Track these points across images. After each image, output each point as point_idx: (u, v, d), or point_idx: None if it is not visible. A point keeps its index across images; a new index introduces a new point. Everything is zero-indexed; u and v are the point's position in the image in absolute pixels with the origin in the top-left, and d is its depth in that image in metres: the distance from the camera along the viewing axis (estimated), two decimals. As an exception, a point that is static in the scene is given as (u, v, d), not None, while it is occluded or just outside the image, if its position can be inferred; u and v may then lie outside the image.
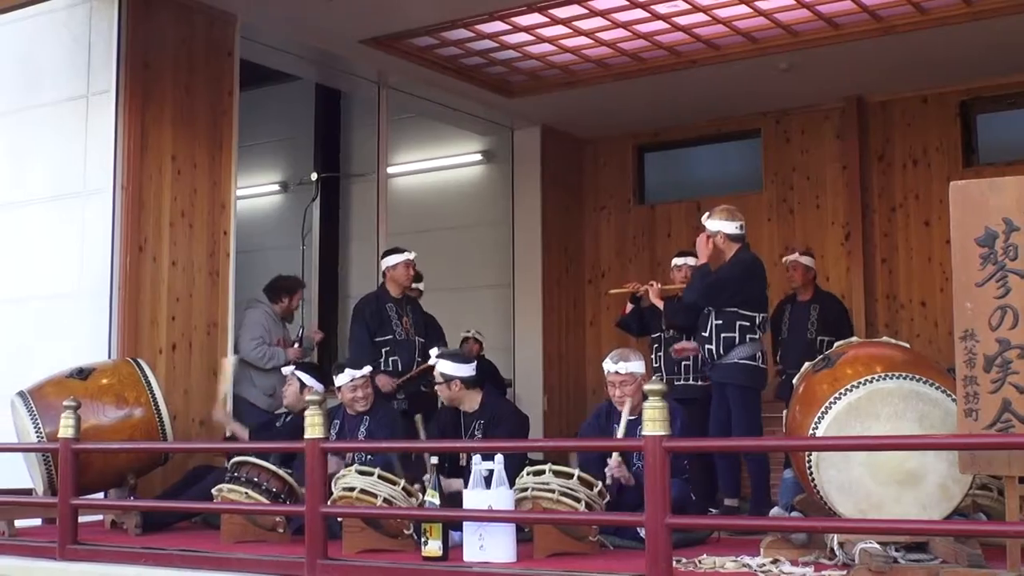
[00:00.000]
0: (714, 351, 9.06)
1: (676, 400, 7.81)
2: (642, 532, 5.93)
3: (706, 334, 9.14)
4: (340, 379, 8.83)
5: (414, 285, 11.26)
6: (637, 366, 7.99)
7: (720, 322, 9.05)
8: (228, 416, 9.73)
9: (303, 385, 9.32)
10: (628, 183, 14.84)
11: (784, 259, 11.42)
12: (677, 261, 11.06)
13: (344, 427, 8.76)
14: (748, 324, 9.04)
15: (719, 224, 9.13)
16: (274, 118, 15.75)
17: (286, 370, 9.72)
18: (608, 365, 8.03)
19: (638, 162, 14.95)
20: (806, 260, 11.16)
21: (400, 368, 10.06)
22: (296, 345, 10.95)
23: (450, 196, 15.45)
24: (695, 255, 10.96)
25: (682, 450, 7.25)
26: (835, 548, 6.11)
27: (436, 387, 8.71)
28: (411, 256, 10.44)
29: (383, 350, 10.13)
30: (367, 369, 8.90)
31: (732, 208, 9.32)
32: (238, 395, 10.34)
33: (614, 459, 7.67)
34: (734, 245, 9.14)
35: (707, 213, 9.29)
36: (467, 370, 8.61)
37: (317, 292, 15.67)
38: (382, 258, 10.69)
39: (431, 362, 9.04)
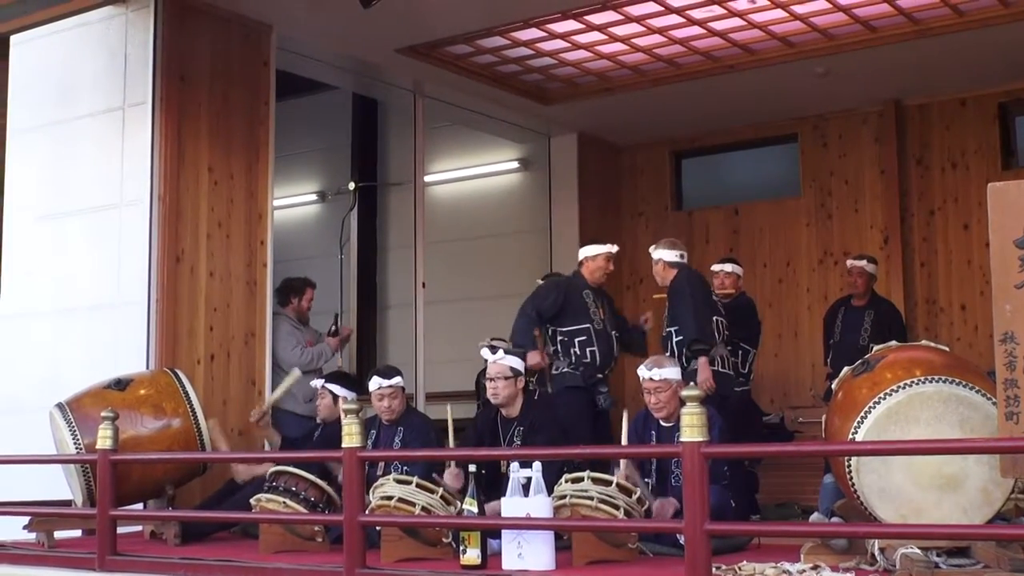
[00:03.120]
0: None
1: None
2: (681, 539, 5.89)
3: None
4: (371, 385, 8.80)
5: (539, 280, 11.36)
6: (672, 372, 7.95)
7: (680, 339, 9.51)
8: (267, 423, 9.70)
9: (335, 396, 9.28)
10: (665, 189, 14.80)
11: (848, 263, 11.41)
12: (715, 267, 11.11)
13: (380, 437, 8.73)
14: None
15: (661, 253, 9.85)
16: (311, 128, 15.81)
17: (316, 383, 9.66)
18: (643, 372, 7.99)
19: (675, 168, 14.92)
20: (871, 268, 11.17)
21: (598, 360, 9.72)
22: (335, 335, 11.02)
23: (487, 204, 15.45)
24: (734, 261, 11.12)
25: (720, 456, 7.20)
26: (876, 554, 6.07)
27: (500, 382, 8.34)
28: (614, 250, 10.18)
29: (577, 340, 9.75)
30: (397, 379, 8.82)
31: (675, 240, 10.22)
32: (278, 407, 10.34)
33: (623, 466, 7.65)
34: (673, 271, 9.75)
35: (653, 245, 10.03)
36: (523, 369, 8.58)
37: (355, 301, 15.74)
38: (582, 247, 10.40)
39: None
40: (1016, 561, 5.61)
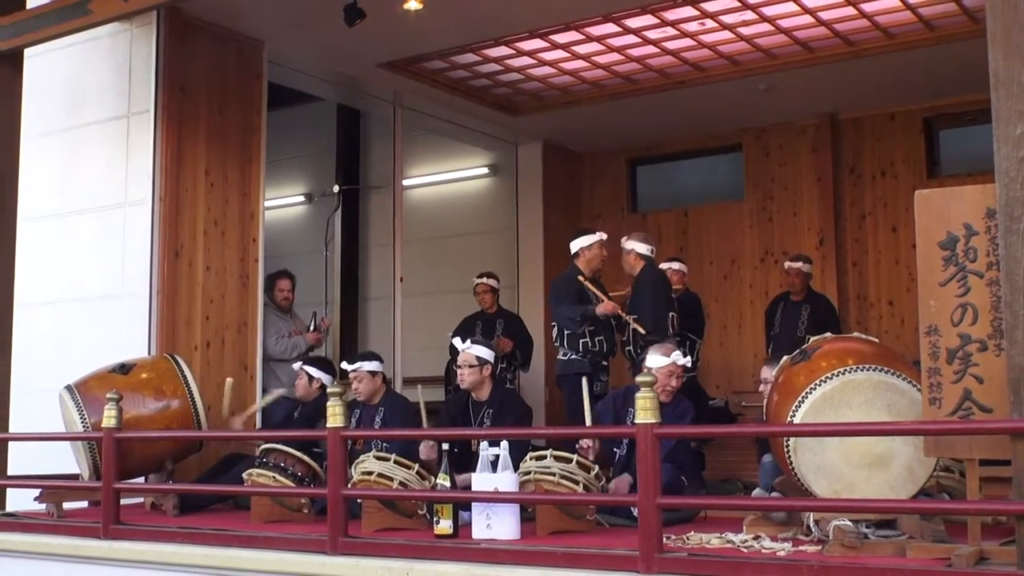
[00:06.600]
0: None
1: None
2: (635, 511, 5.90)
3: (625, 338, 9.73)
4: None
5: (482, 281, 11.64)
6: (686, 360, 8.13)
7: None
8: (252, 424, 9.68)
9: (311, 378, 9.40)
10: (622, 193, 14.80)
11: (786, 265, 11.47)
12: (663, 266, 11.12)
13: (362, 417, 8.74)
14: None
15: (633, 244, 9.94)
16: (299, 135, 15.75)
17: (295, 366, 9.71)
18: (677, 358, 8.02)
19: (631, 174, 14.93)
20: (806, 268, 11.25)
21: (605, 348, 9.64)
22: (312, 329, 11.02)
23: (460, 206, 15.42)
24: (680, 260, 11.19)
25: (670, 436, 7.22)
26: (811, 525, 6.08)
27: (466, 369, 8.38)
28: (604, 237, 9.97)
29: (587, 330, 9.57)
30: (359, 364, 8.82)
31: (647, 235, 10.28)
32: (266, 389, 10.32)
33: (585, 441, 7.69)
34: (641, 262, 9.89)
35: (626, 236, 10.04)
36: (494, 358, 8.56)
37: (339, 293, 15.71)
38: (574, 239, 10.05)
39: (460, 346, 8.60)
40: (937, 532, 5.63)
